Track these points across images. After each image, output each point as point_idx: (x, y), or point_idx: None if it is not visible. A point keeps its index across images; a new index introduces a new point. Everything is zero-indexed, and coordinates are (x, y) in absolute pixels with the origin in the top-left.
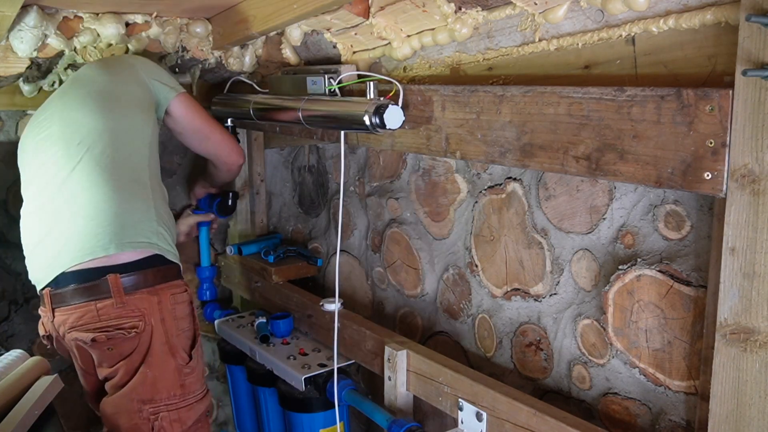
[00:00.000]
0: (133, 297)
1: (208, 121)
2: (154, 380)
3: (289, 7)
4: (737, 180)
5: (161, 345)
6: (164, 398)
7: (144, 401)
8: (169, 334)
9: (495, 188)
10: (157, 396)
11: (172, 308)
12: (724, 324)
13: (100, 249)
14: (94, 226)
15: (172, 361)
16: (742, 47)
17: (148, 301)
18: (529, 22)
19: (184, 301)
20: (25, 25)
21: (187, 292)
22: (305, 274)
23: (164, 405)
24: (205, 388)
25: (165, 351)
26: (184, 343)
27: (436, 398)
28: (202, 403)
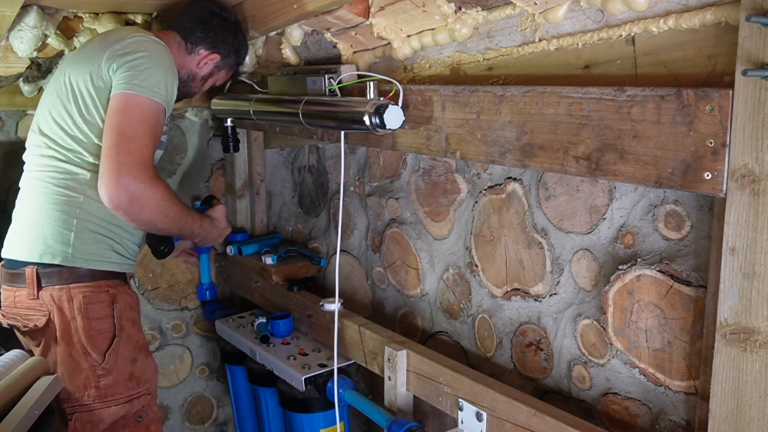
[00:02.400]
0: (44, 291)
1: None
2: (65, 377)
3: (289, 7)
4: (737, 180)
5: (70, 344)
6: (78, 398)
7: (63, 400)
8: (78, 333)
9: (495, 188)
10: (71, 396)
11: (84, 307)
12: (724, 324)
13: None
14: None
15: (83, 361)
16: (742, 47)
17: (57, 299)
18: (529, 22)
19: (101, 302)
20: (25, 25)
21: (109, 293)
22: (305, 274)
23: (78, 405)
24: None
25: (75, 350)
26: (99, 344)
27: (436, 398)
28: (122, 408)
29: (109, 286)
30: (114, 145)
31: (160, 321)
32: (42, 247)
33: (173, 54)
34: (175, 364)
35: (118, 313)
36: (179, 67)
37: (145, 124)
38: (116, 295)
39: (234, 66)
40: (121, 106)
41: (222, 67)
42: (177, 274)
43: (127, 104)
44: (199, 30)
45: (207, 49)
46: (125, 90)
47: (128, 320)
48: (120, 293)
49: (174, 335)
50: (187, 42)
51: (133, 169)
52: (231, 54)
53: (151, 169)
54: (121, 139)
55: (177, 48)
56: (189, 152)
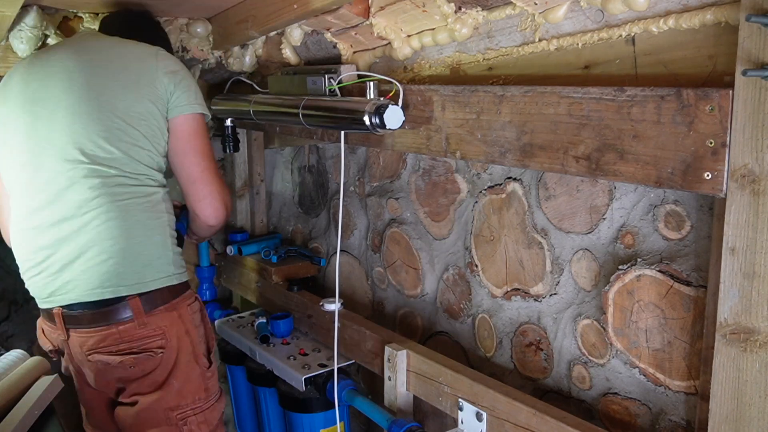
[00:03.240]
0: (153, 316)
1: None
2: (180, 389)
3: (289, 7)
4: (737, 180)
5: (188, 355)
6: (190, 403)
7: (171, 408)
8: (193, 343)
9: (495, 188)
10: (183, 402)
11: (192, 318)
12: (724, 324)
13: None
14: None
15: (197, 369)
16: (742, 47)
17: (169, 318)
18: (529, 22)
19: (197, 310)
20: (25, 25)
21: (198, 300)
22: (305, 274)
23: (191, 409)
24: (220, 387)
25: (191, 361)
26: (203, 349)
27: (436, 398)
28: (220, 402)
29: (194, 294)
30: (204, 168)
31: None
32: (151, 274)
33: None
34: None
35: (205, 318)
36: None
37: (210, 142)
38: (201, 300)
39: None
40: (195, 128)
41: None
42: None
43: (197, 126)
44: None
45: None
46: (192, 111)
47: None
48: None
49: None
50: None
51: (225, 186)
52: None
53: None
54: (207, 161)
55: None
56: None
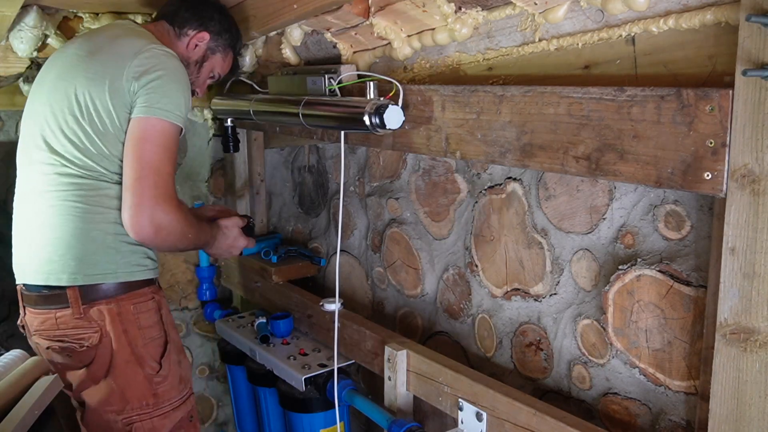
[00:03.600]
0: (91, 308)
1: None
2: (121, 391)
3: (289, 7)
4: (737, 180)
5: (126, 355)
6: (136, 407)
7: (116, 412)
8: (133, 344)
9: (495, 188)
10: (128, 406)
11: (135, 318)
12: (724, 324)
13: (53, 278)
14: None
15: (140, 371)
16: (742, 47)
17: (108, 314)
18: (529, 22)
19: (149, 310)
20: (25, 25)
21: (155, 299)
22: (305, 274)
23: (136, 415)
24: (185, 394)
25: (131, 361)
26: (153, 351)
27: (436, 398)
28: (179, 411)
29: (152, 293)
30: (138, 177)
31: None
32: (85, 270)
33: (165, 42)
34: None
35: (165, 318)
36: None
37: (168, 151)
38: (160, 301)
39: (228, 48)
40: (144, 134)
41: (215, 50)
42: (177, 274)
43: (151, 131)
44: (182, 10)
45: (194, 28)
46: (148, 114)
47: (170, 324)
48: (161, 298)
49: None
50: (174, 26)
51: (159, 201)
52: (222, 32)
53: (174, 199)
54: (145, 170)
55: (167, 37)
56: (189, 152)
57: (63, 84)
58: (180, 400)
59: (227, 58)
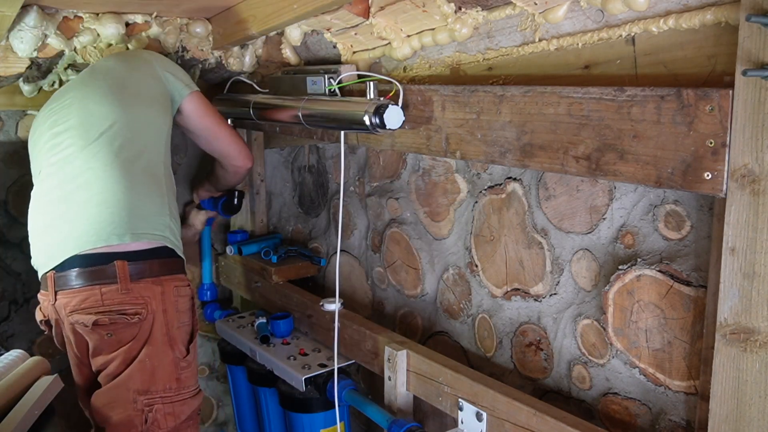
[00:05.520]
0: (137, 285)
1: (219, 121)
2: (152, 370)
3: (289, 7)
4: (737, 180)
5: (162, 335)
6: (160, 390)
7: (140, 392)
8: (170, 325)
9: (495, 188)
10: (153, 387)
11: (175, 300)
12: (724, 324)
13: (114, 237)
14: (109, 214)
15: (170, 353)
16: (742, 47)
17: (152, 290)
18: (529, 22)
19: (186, 295)
20: (25, 25)
21: (190, 287)
22: (305, 274)
23: (159, 397)
24: (199, 386)
25: (165, 341)
26: (183, 336)
27: (436, 398)
28: (195, 400)
29: (188, 280)
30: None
31: None
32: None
33: None
34: None
35: (194, 307)
36: None
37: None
38: (193, 290)
39: None
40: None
41: None
42: None
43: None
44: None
45: None
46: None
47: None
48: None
49: None
50: None
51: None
52: None
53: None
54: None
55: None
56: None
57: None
58: (196, 390)
59: None
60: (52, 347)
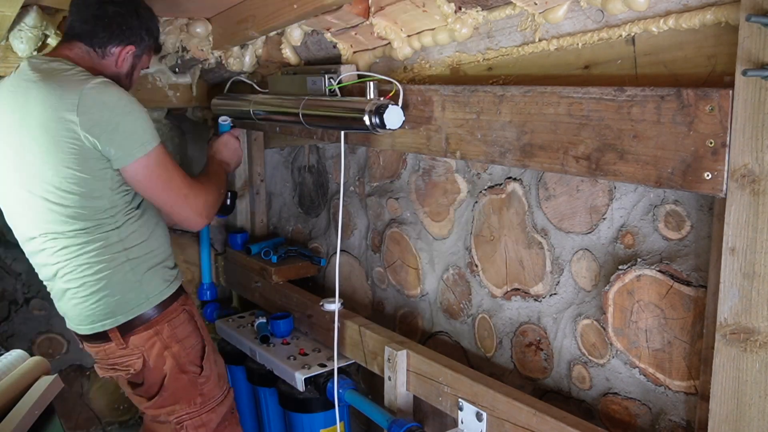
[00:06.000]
0: (132, 336)
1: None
2: (171, 397)
3: (289, 7)
4: (737, 180)
5: (172, 371)
6: (185, 408)
7: (168, 413)
8: (177, 358)
9: (495, 188)
10: (178, 408)
11: (173, 334)
12: (724, 324)
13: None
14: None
15: (185, 378)
16: (742, 47)
17: (147, 338)
18: (529, 22)
19: (183, 322)
20: (25, 25)
21: (186, 310)
22: (305, 274)
23: (186, 414)
24: (225, 390)
25: (177, 373)
26: (193, 357)
27: (436, 398)
28: (224, 405)
29: (182, 305)
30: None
31: None
32: (118, 312)
33: (89, 67)
34: None
35: (200, 324)
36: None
37: (167, 167)
38: (191, 310)
39: (153, 44)
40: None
41: (141, 53)
42: None
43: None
44: (99, 30)
45: (117, 45)
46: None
47: (204, 327)
48: (190, 305)
49: None
50: (94, 48)
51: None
52: (144, 37)
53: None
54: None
55: (89, 59)
56: (189, 152)
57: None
58: (222, 396)
59: (152, 51)
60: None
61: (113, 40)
